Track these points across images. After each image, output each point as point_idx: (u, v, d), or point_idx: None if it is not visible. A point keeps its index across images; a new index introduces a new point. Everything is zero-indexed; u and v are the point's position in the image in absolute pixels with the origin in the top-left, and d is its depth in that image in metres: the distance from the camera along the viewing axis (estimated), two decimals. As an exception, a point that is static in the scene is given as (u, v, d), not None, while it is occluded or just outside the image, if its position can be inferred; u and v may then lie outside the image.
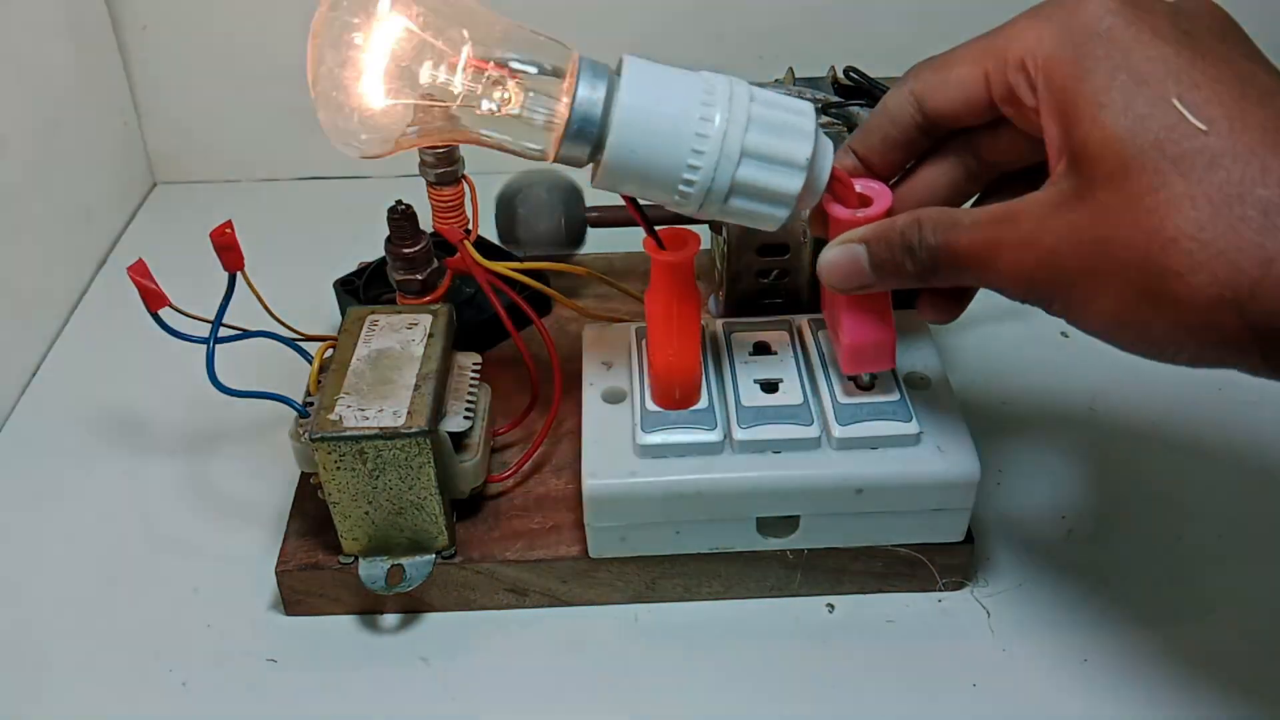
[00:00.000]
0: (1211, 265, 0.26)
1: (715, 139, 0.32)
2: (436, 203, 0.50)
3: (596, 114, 0.32)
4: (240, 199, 0.69)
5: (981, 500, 0.40)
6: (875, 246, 0.34)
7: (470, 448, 0.41)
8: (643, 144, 0.32)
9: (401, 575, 0.40)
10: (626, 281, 0.51)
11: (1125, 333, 0.29)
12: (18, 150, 0.55)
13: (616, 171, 0.33)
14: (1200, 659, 0.40)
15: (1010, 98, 0.32)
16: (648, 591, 0.42)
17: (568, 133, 0.33)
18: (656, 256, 0.37)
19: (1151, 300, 0.28)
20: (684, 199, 0.33)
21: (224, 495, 0.47)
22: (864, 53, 0.52)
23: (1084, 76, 0.29)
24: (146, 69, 0.67)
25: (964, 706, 0.38)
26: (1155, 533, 0.44)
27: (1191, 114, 0.27)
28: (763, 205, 0.34)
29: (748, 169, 0.33)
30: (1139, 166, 0.27)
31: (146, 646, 0.41)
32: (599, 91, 0.32)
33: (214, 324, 0.38)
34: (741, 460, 0.39)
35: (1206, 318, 0.27)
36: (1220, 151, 0.26)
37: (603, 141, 0.33)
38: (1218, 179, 0.26)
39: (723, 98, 0.33)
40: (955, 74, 0.33)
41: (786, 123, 0.33)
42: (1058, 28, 0.30)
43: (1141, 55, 0.28)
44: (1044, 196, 0.30)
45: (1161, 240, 0.27)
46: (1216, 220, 0.26)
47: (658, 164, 0.33)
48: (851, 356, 0.38)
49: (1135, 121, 0.28)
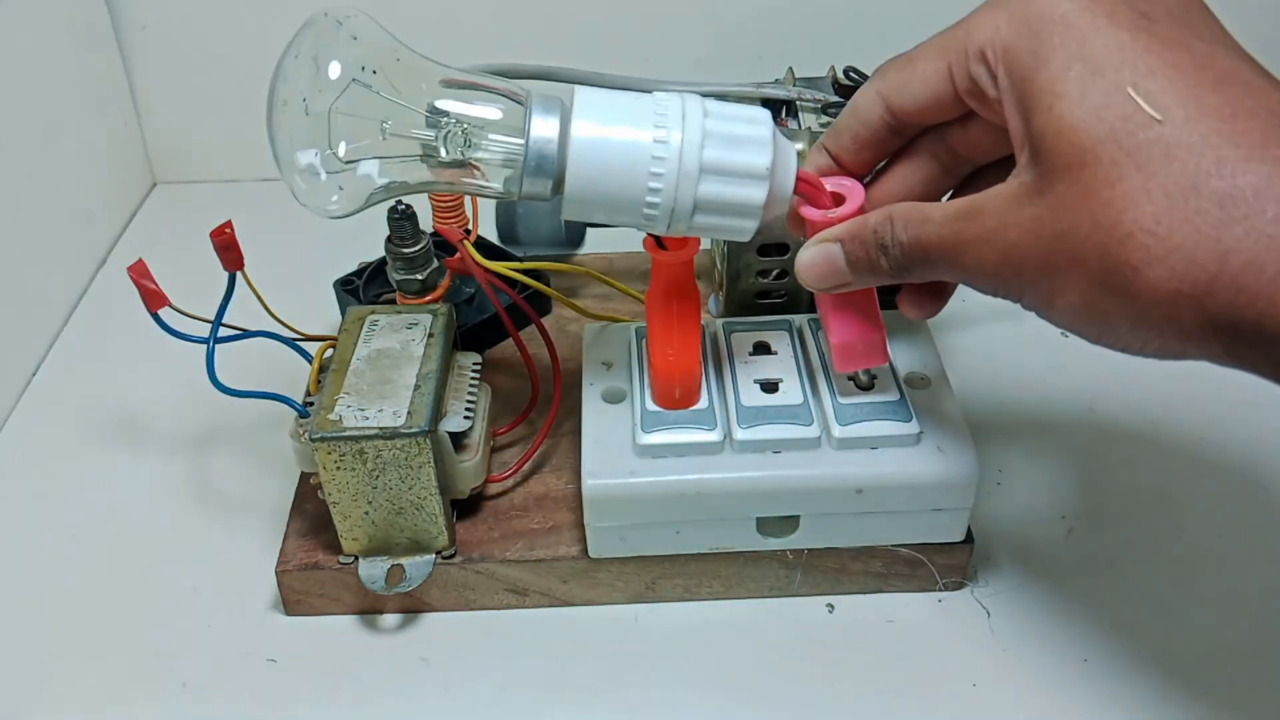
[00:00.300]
0: (1169, 259, 0.26)
1: (672, 159, 0.32)
2: (436, 203, 0.50)
3: (552, 150, 0.33)
4: (240, 199, 0.68)
5: (981, 500, 0.40)
6: (850, 245, 0.34)
7: (470, 448, 0.41)
8: (601, 173, 0.32)
9: (401, 575, 0.40)
10: (626, 281, 0.51)
11: (1090, 327, 0.29)
12: (18, 150, 0.55)
13: (580, 203, 0.33)
14: (1200, 659, 0.40)
15: (974, 90, 0.31)
16: (648, 591, 0.42)
17: (526, 170, 0.33)
18: (656, 256, 0.37)
19: (1112, 294, 0.27)
20: (650, 221, 0.33)
21: (224, 495, 0.47)
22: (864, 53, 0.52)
23: (1040, 66, 0.28)
24: (146, 69, 0.67)
25: (964, 706, 0.38)
26: (1155, 533, 0.44)
27: (1146, 103, 0.27)
28: (730, 218, 0.34)
29: (709, 185, 0.33)
30: (1095, 158, 0.27)
31: (146, 646, 0.41)
32: (552, 127, 0.33)
33: (214, 324, 0.38)
34: (741, 460, 0.39)
35: (1167, 311, 0.27)
36: (1175, 142, 0.26)
37: (562, 176, 0.33)
38: (1173, 171, 0.26)
39: (675, 117, 0.32)
40: (919, 71, 0.33)
41: (743, 134, 0.33)
42: (1015, 16, 0.30)
43: (1098, 42, 0.28)
44: (1006, 190, 0.30)
45: (1119, 234, 0.27)
46: (1173, 213, 0.26)
47: (619, 190, 0.33)
48: (841, 355, 0.38)
49: (1090, 112, 0.27)
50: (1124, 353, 0.29)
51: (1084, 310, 0.29)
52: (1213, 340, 0.27)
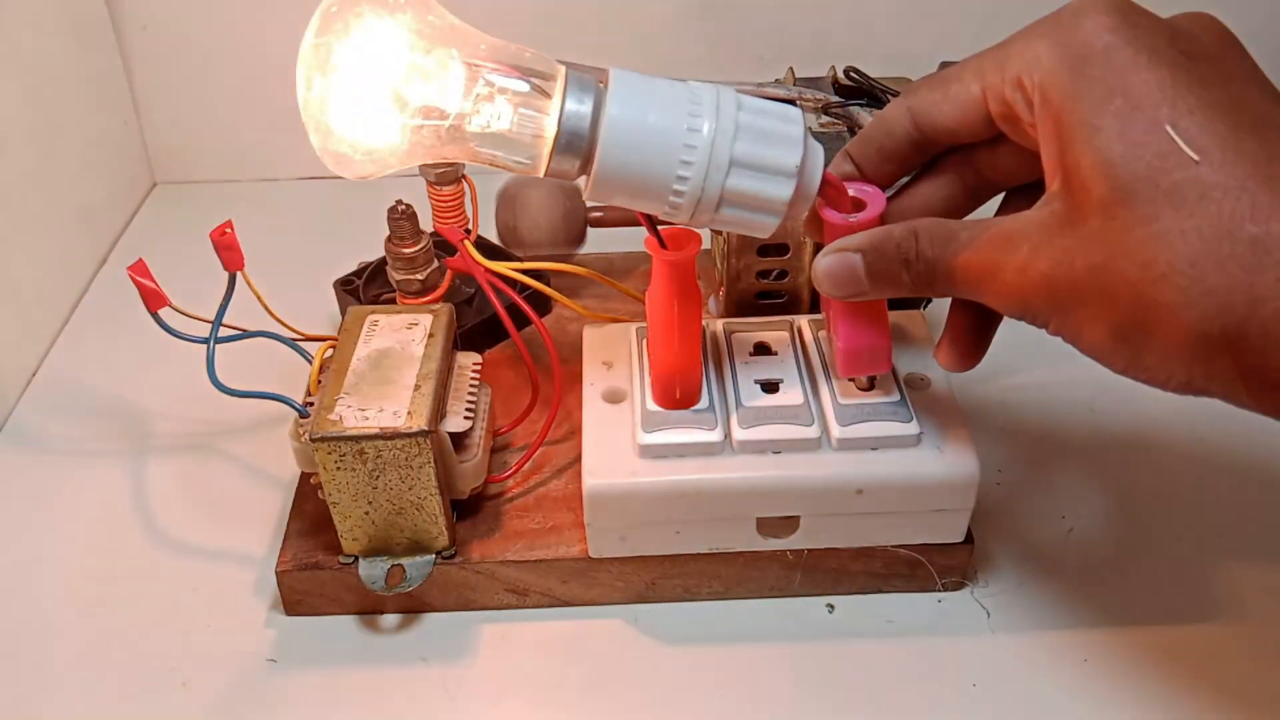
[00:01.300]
0: (1201, 302, 0.26)
1: (703, 149, 0.32)
2: (436, 203, 0.50)
3: (584, 128, 0.32)
4: (240, 199, 0.69)
5: (981, 500, 0.40)
6: (871, 256, 0.34)
7: (470, 448, 0.41)
8: (631, 156, 0.32)
9: (401, 575, 0.40)
10: (626, 281, 0.51)
11: (1117, 359, 0.29)
12: (18, 150, 0.55)
13: (606, 183, 0.33)
14: (1200, 659, 0.40)
15: (1008, 115, 0.31)
16: (648, 591, 0.42)
17: (556, 147, 0.33)
18: (658, 256, 0.37)
19: (1143, 331, 0.28)
20: (674, 209, 0.33)
21: (224, 495, 0.47)
22: (864, 53, 0.52)
23: (1080, 97, 0.28)
24: (146, 69, 0.67)
25: (964, 706, 0.38)
26: (1155, 533, 0.44)
27: (1184, 142, 0.27)
28: (754, 214, 0.34)
29: (737, 178, 0.33)
30: (1132, 195, 0.27)
31: (146, 646, 0.41)
32: (586, 105, 0.32)
33: (214, 324, 0.38)
34: (742, 460, 0.39)
35: (1195, 352, 0.27)
36: (1211, 184, 0.26)
37: (592, 155, 0.33)
38: (1209, 213, 0.26)
39: (709, 107, 0.32)
40: (953, 91, 0.33)
41: (775, 130, 0.33)
42: (1055, 45, 0.29)
43: (1138, 78, 0.28)
44: (1037, 217, 0.30)
45: (1153, 274, 0.27)
46: (1207, 256, 0.26)
47: (647, 175, 0.33)
48: (847, 360, 0.38)
49: (1129, 148, 0.27)
50: (1148, 385, 0.29)
51: (1112, 344, 0.29)
52: (1238, 383, 0.27)
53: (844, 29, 0.66)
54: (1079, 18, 0.29)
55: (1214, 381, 0.28)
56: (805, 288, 0.48)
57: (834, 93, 0.49)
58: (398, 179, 0.65)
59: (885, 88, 0.49)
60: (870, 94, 0.49)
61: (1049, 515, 0.45)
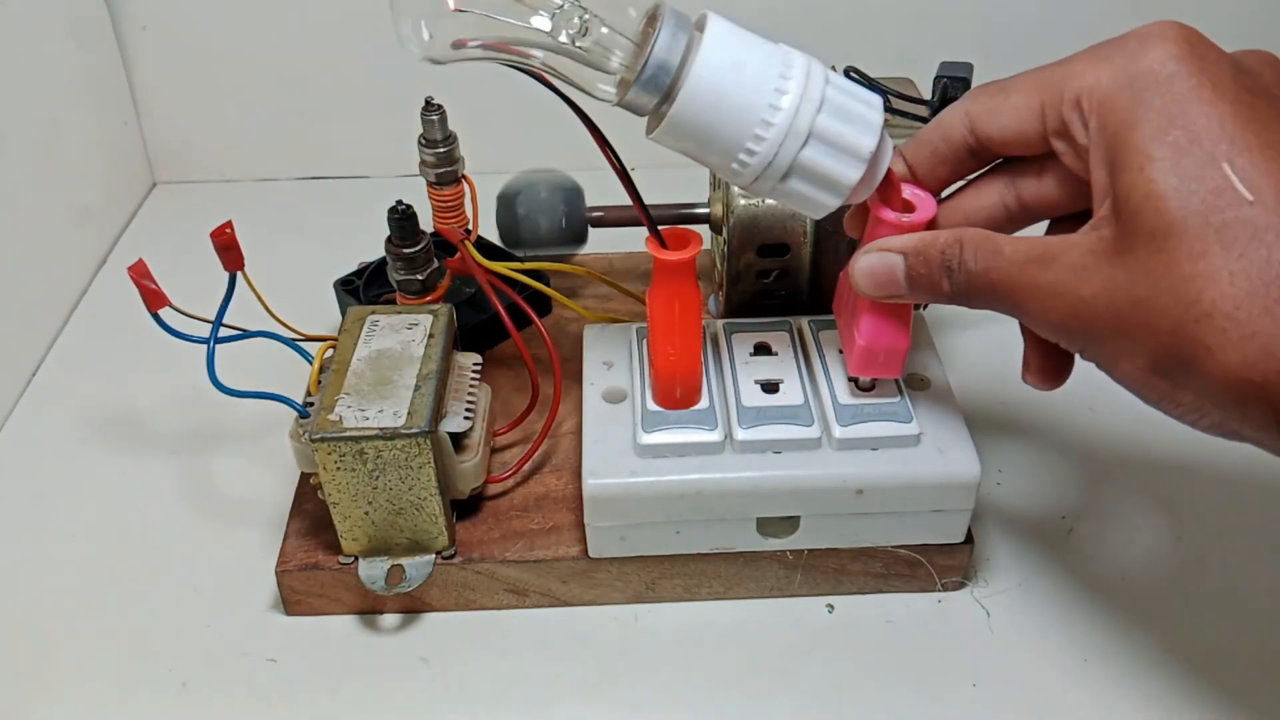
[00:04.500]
0: (1243, 346, 0.26)
1: (786, 114, 0.31)
2: (436, 203, 0.50)
3: (673, 65, 0.31)
4: (240, 199, 0.69)
5: (981, 500, 0.40)
6: (913, 260, 0.33)
7: (470, 448, 0.41)
8: (713, 104, 0.31)
9: (401, 575, 0.40)
10: (626, 281, 0.51)
11: (1151, 394, 0.29)
12: (18, 150, 0.55)
13: (680, 127, 0.32)
14: (1200, 659, 0.40)
15: (1063, 133, 0.31)
16: (648, 591, 0.42)
17: (640, 78, 0.32)
18: (659, 256, 0.37)
19: (1181, 369, 0.27)
20: (741, 168, 0.33)
21: (224, 495, 0.47)
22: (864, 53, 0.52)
23: (1137, 124, 0.28)
24: (146, 69, 0.67)
25: (964, 706, 0.38)
26: (1155, 533, 0.44)
27: (1240, 181, 0.27)
28: (818, 190, 0.33)
29: (812, 150, 0.32)
30: (1181, 230, 0.27)
31: (146, 646, 0.41)
32: (680, 41, 0.31)
33: (214, 324, 0.38)
34: (742, 460, 0.39)
35: (1233, 395, 0.27)
36: (1264, 226, 0.26)
37: (673, 94, 0.32)
38: (1259, 256, 0.26)
39: (800, 74, 0.32)
40: (1011, 101, 0.32)
41: (857, 112, 0.32)
42: (1118, 70, 0.29)
43: (1199, 111, 0.28)
44: (1083, 241, 0.29)
45: (1197, 313, 0.26)
46: (1253, 300, 0.26)
47: (723, 129, 0.32)
48: (862, 358, 0.38)
49: (1183, 182, 0.27)
50: (1179, 421, 0.29)
51: (1148, 378, 0.29)
52: (1274, 429, 0.27)
53: (844, 29, 0.66)
54: (1145, 44, 0.29)
55: (1248, 425, 0.27)
56: (805, 288, 0.48)
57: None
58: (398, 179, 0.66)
59: (885, 88, 0.48)
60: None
61: (1049, 515, 0.45)
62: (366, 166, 0.69)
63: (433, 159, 0.48)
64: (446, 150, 0.48)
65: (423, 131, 0.47)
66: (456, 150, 0.48)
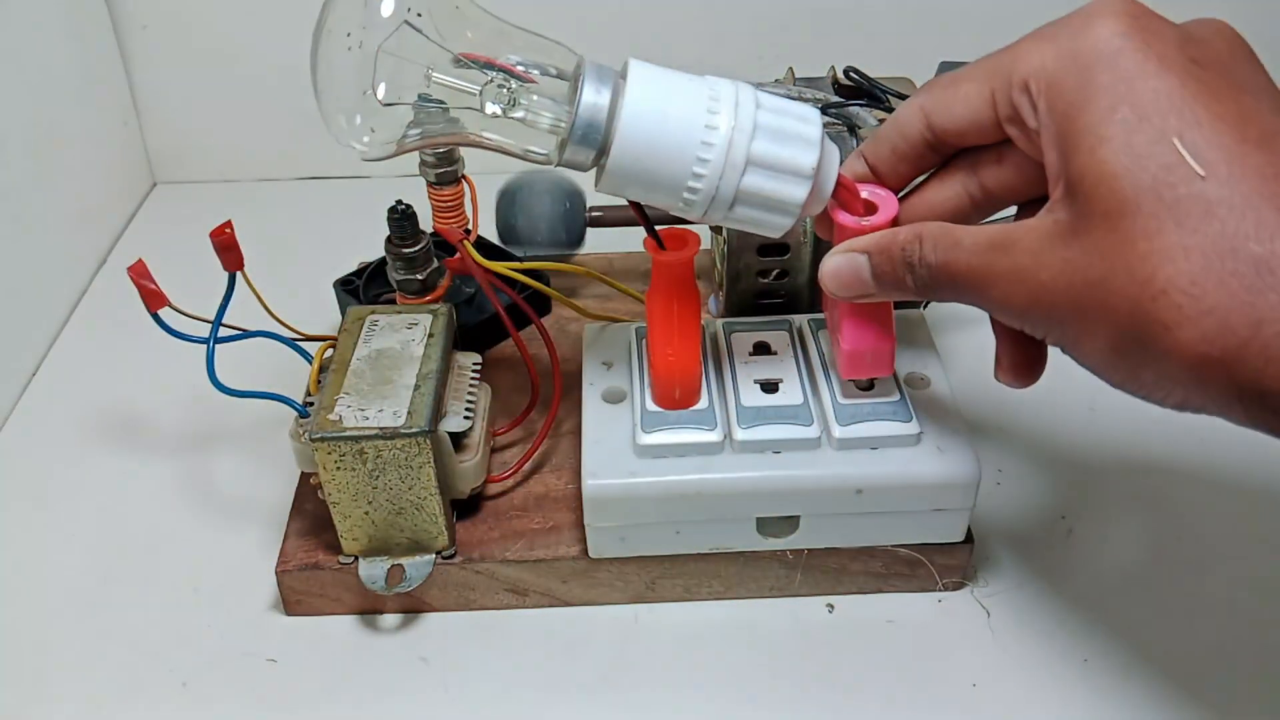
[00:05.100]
0: (1201, 321, 0.26)
1: (720, 147, 0.32)
2: (436, 203, 0.50)
3: (601, 119, 0.32)
4: (240, 199, 0.69)
5: (981, 500, 0.40)
6: (877, 258, 0.33)
7: (470, 448, 0.41)
8: (647, 150, 0.32)
9: (401, 575, 0.40)
10: (626, 281, 0.51)
11: (1114, 374, 0.29)
12: (18, 150, 0.55)
13: (620, 177, 0.33)
14: (1200, 659, 0.40)
15: (1014, 118, 0.31)
16: (648, 591, 0.42)
17: (572, 137, 0.32)
18: (657, 256, 0.37)
19: (1141, 348, 0.27)
20: (688, 205, 0.33)
21: (224, 495, 0.47)
22: (864, 53, 0.52)
23: (1085, 105, 0.28)
24: (146, 69, 0.67)
25: (964, 706, 0.38)
26: (1155, 533, 0.44)
27: (1191, 156, 0.26)
28: (768, 213, 0.34)
29: (753, 177, 0.33)
30: (1135, 208, 0.27)
31: (146, 646, 0.41)
32: (604, 96, 0.32)
33: (214, 324, 0.38)
34: (741, 460, 0.39)
35: (1193, 372, 0.27)
36: (1217, 200, 0.26)
37: (607, 147, 0.32)
38: (1212, 230, 0.26)
39: (728, 104, 0.32)
40: (963, 91, 0.32)
41: (792, 130, 0.33)
42: (1063, 50, 0.29)
43: (1146, 86, 0.27)
44: (1039, 226, 0.29)
45: (1152, 290, 0.26)
46: (1208, 274, 0.26)
47: (662, 170, 0.32)
48: (850, 362, 0.38)
49: (1134, 160, 0.27)
50: (1144, 400, 0.29)
51: (1110, 358, 0.28)
52: (1235, 404, 0.27)
53: (844, 29, 0.66)
54: (1089, 21, 0.29)
55: (1210, 401, 0.27)
56: (805, 288, 0.48)
57: (834, 93, 0.49)
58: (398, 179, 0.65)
59: (885, 88, 0.48)
60: (870, 94, 0.48)
61: (1049, 515, 0.45)
62: (366, 166, 0.69)
63: (433, 159, 0.48)
64: (446, 150, 0.48)
65: (423, 131, 0.47)
66: (456, 150, 0.48)
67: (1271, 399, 0.26)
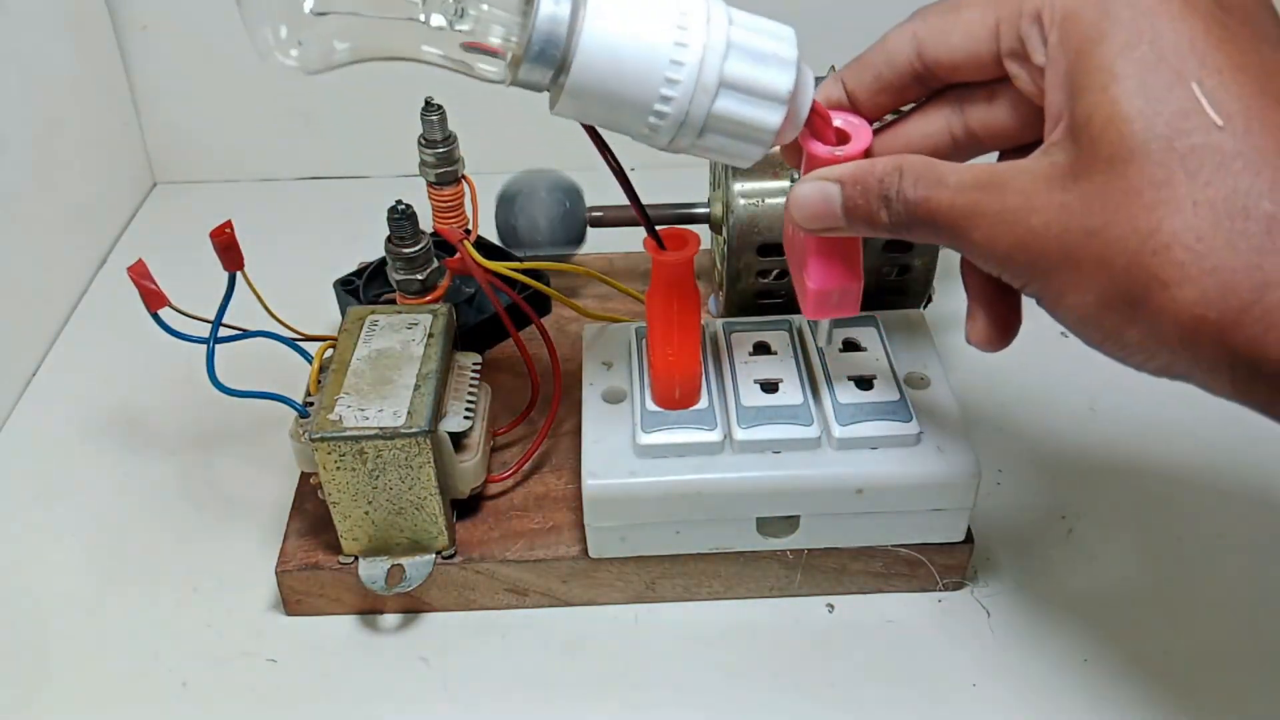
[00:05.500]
0: (1202, 281, 0.24)
1: (691, 66, 0.29)
2: (436, 203, 0.50)
3: (561, 33, 0.29)
4: (240, 199, 0.69)
5: (981, 500, 0.40)
6: (850, 189, 0.31)
7: (470, 448, 0.41)
8: (611, 69, 0.29)
9: (401, 575, 0.40)
10: (626, 281, 0.51)
11: (1095, 332, 0.27)
12: (18, 150, 0.55)
13: (580, 99, 0.30)
14: (1200, 659, 0.40)
15: (1018, 52, 0.29)
16: (648, 591, 0.42)
17: (527, 54, 0.29)
18: (657, 256, 0.37)
19: (1131, 305, 0.26)
20: (654, 131, 0.31)
21: (224, 495, 0.47)
22: (864, 53, 0.52)
23: (1101, 39, 0.26)
24: (146, 69, 0.67)
25: (964, 706, 0.38)
26: (1155, 533, 0.44)
27: (1210, 104, 0.25)
28: (739, 141, 0.31)
29: (725, 101, 0.30)
30: (1144, 155, 0.25)
31: (146, 646, 0.41)
32: (563, 7, 0.29)
33: (214, 324, 0.38)
34: (741, 460, 0.39)
35: (1186, 334, 0.25)
36: (1232, 153, 0.24)
37: (566, 64, 0.29)
38: (1225, 185, 0.24)
39: (699, 20, 0.29)
40: (964, 19, 0.30)
41: (768, 50, 0.30)
42: None
43: (1168, 27, 0.25)
44: (1035, 167, 0.27)
45: (1154, 244, 0.25)
46: (1216, 231, 0.24)
47: (626, 94, 0.30)
48: (816, 301, 0.36)
49: (1148, 103, 0.25)
50: (1121, 363, 0.28)
51: (1095, 314, 0.27)
52: (1225, 371, 0.25)
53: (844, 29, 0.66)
54: None
55: (1197, 368, 0.26)
56: (805, 288, 0.48)
57: (834, 92, 0.49)
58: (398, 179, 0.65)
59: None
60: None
61: (1049, 515, 0.45)
62: (366, 166, 0.69)
63: (433, 159, 0.48)
64: (446, 150, 0.48)
65: (423, 132, 0.47)
66: (456, 150, 0.48)
67: (1267, 366, 0.24)
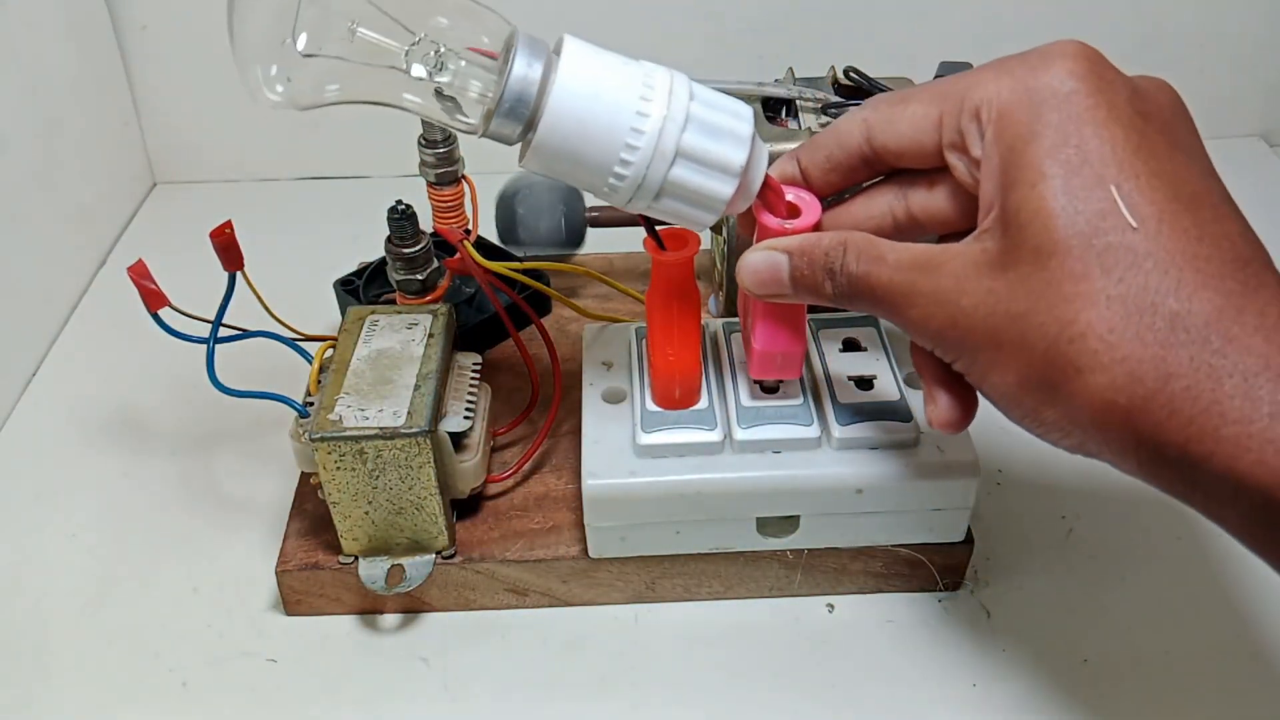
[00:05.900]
0: (1113, 369, 0.26)
1: (651, 135, 0.31)
2: (436, 203, 0.50)
3: (531, 93, 0.31)
4: (240, 199, 0.69)
5: (981, 500, 0.40)
6: (798, 260, 0.33)
7: (470, 448, 0.41)
8: (576, 130, 0.31)
9: (401, 575, 0.40)
10: (626, 281, 0.51)
11: (1016, 409, 0.29)
12: (18, 150, 0.55)
13: (545, 155, 0.32)
14: (1200, 659, 0.40)
15: (958, 145, 0.31)
16: (648, 591, 0.42)
17: (499, 109, 0.31)
18: (657, 257, 0.37)
19: (1049, 388, 0.28)
20: (613, 191, 0.32)
21: (224, 495, 0.47)
22: (864, 53, 0.52)
23: (1031, 139, 0.28)
24: (146, 69, 0.67)
25: (964, 706, 0.38)
26: (1155, 533, 0.44)
27: (1126, 207, 0.27)
28: (692, 208, 0.33)
29: (681, 169, 0.32)
30: (1065, 250, 0.27)
31: (146, 646, 0.41)
32: (536, 70, 0.31)
33: (214, 324, 0.38)
34: (741, 460, 0.39)
35: (1097, 417, 0.27)
36: (1144, 253, 0.27)
37: (534, 122, 0.31)
38: (1136, 282, 0.26)
39: (662, 92, 0.31)
40: (910, 111, 0.32)
41: (725, 126, 0.32)
42: (1019, 83, 0.29)
43: (1092, 132, 0.28)
44: (967, 251, 0.29)
45: (1071, 333, 0.27)
46: (1126, 325, 0.26)
47: (589, 153, 0.32)
48: (760, 362, 0.38)
49: (1071, 202, 0.27)
50: (1039, 439, 0.30)
51: (1015, 393, 0.29)
52: (1131, 453, 0.27)
53: (844, 29, 0.66)
54: (1048, 60, 0.29)
55: (1107, 448, 0.28)
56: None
57: (834, 93, 0.49)
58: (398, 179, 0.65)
59: (885, 88, 0.48)
60: (870, 94, 0.48)
61: (1049, 515, 0.45)
62: (366, 166, 0.69)
63: (433, 159, 0.48)
64: (446, 150, 0.48)
65: (423, 132, 0.47)
66: (456, 150, 0.48)
67: (1169, 451, 0.26)
